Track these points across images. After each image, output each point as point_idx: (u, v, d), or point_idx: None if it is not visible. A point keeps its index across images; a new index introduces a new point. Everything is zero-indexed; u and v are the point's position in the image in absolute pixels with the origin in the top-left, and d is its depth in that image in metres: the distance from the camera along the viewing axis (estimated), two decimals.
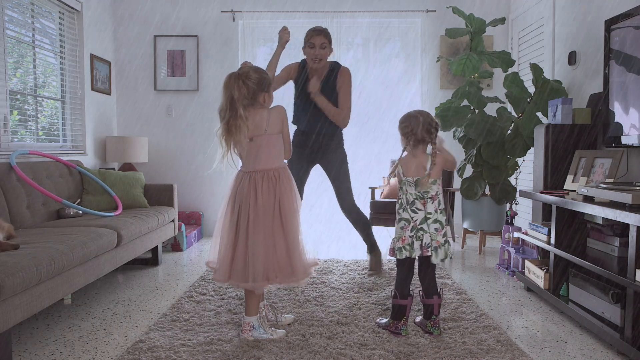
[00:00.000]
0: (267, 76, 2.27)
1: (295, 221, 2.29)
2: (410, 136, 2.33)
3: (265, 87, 2.25)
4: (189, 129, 5.10)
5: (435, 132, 2.34)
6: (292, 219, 2.27)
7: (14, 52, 3.68)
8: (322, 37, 3.19)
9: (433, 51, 4.97)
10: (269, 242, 2.23)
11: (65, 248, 2.38)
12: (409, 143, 2.34)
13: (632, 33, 2.69)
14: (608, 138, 2.92)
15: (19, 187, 3.07)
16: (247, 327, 2.30)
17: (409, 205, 2.35)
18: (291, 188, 2.32)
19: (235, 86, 2.18)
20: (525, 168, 4.35)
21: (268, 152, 2.27)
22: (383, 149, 5.08)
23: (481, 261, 4.01)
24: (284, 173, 2.32)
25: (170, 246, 4.40)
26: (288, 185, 2.31)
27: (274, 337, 2.30)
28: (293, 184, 2.35)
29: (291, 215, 2.27)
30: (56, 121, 4.21)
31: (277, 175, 2.28)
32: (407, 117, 2.38)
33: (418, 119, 2.32)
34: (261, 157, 2.27)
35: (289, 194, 2.29)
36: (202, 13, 5.02)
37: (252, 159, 2.29)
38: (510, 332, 2.46)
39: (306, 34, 3.26)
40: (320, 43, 3.19)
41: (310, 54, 3.23)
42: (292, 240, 2.26)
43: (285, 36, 3.09)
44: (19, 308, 2.03)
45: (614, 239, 2.59)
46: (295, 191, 2.34)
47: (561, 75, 3.89)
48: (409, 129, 2.33)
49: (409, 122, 2.34)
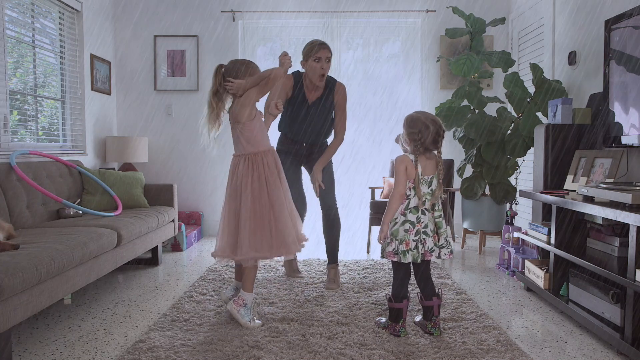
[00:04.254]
0: (240, 66, 2.47)
1: (280, 197, 2.48)
2: (418, 143, 2.30)
3: (238, 74, 2.45)
4: (189, 129, 5.10)
5: (441, 140, 2.32)
6: (277, 196, 2.47)
7: (14, 52, 3.68)
8: (327, 51, 3.03)
9: (433, 51, 4.97)
10: (256, 218, 2.42)
11: (65, 248, 2.38)
12: (418, 149, 2.31)
13: (632, 33, 2.69)
14: (608, 138, 2.91)
15: (19, 187, 3.07)
16: (240, 300, 2.46)
17: (420, 206, 2.32)
18: (275, 168, 2.52)
19: (213, 74, 2.49)
20: (525, 168, 4.35)
21: (245, 139, 2.48)
22: (382, 149, 5.08)
23: (481, 261, 4.01)
24: (267, 155, 2.53)
25: (170, 246, 4.40)
26: (272, 165, 2.50)
27: (250, 325, 2.42)
28: (278, 164, 2.55)
29: (276, 192, 2.47)
30: (56, 121, 4.21)
31: (260, 158, 2.48)
32: (417, 122, 2.30)
33: (429, 128, 2.27)
34: (241, 143, 2.50)
35: (272, 173, 2.49)
36: (202, 13, 5.02)
37: (235, 144, 2.54)
38: (510, 332, 2.46)
39: (309, 47, 3.06)
40: (326, 57, 3.02)
41: (316, 69, 3.02)
42: (280, 216, 2.45)
43: (287, 63, 2.66)
44: (19, 308, 2.03)
45: (614, 239, 2.59)
46: (280, 170, 2.55)
47: (561, 75, 3.89)
48: (418, 136, 2.28)
49: (419, 129, 2.28)
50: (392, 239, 2.33)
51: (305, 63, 3.08)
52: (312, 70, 3.04)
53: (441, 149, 2.34)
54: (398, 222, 2.32)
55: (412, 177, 2.31)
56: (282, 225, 2.45)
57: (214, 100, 2.48)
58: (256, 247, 2.40)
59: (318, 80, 3.05)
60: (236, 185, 2.46)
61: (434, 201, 2.36)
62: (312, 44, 3.05)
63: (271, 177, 2.47)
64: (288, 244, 2.45)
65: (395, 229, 2.32)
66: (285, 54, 2.61)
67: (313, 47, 3.03)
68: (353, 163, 4.99)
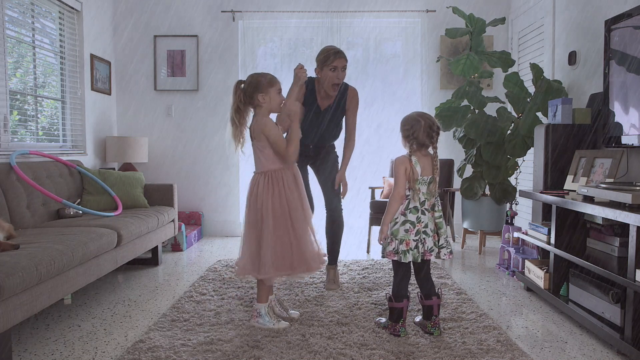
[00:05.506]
0: (262, 78, 2.43)
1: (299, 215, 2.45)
2: (412, 140, 2.32)
3: (259, 88, 2.40)
4: (189, 129, 5.10)
5: (436, 135, 2.33)
6: (298, 214, 2.44)
7: (14, 52, 3.68)
8: (344, 59, 2.94)
9: (433, 51, 4.97)
10: (277, 237, 2.40)
11: (65, 248, 2.38)
12: (412, 146, 2.33)
13: (632, 33, 2.69)
14: (608, 138, 2.91)
15: (19, 187, 3.07)
16: (254, 313, 2.49)
17: (420, 206, 2.33)
18: (294, 185, 2.48)
19: (233, 90, 2.46)
20: (525, 168, 4.35)
21: (259, 156, 2.47)
22: (382, 149, 5.08)
23: (481, 261, 4.01)
24: (287, 172, 2.47)
25: (170, 246, 4.40)
26: (291, 183, 2.48)
27: (275, 327, 2.43)
28: (297, 179, 2.51)
29: (296, 210, 2.44)
30: (56, 121, 4.21)
31: (280, 176, 2.44)
32: (409, 119, 2.35)
33: (419, 122, 2.31)
34: (259, 159, 2.48)
35: (292, 191, 2.45)
36: (202, 13, 5.02)
37: (255, 161, 2.51)
38: (510, 332, 2.46)
39: (324, 55, 2.95)
40: (342, 66, 2.94)
41: (331, 78, 2.93)
42: (300, 234, 2.44)
43: (303, 75, 2.57)
44: (19, 308, 2.03)
45: (614, 239, 2.59)
46: (300, 185, 2.51)
47: (561, 75, 3.89)
48: (411, 132, 2.31)
49: (410, 125, 2.32)
50: (393, 238, 2.33)
51: (319, 71, 2.98)
52: (326, 79, 2.95)
53: (437, 146, 2.35)
54: (398, 222, 2.33)
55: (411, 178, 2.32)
56: (303, 243, 2.45)
57: (236, 117, 2.43)
58: (277, 266, 2.40)
59: (332, 90, 2.99)
60: (256, 204, 2.43)
61: (434, 201, 2.37)
62: (327, 52, 2.95)
63: (291, 195, 2.44)
64: (308, 261, 2.45)
65: (396, 228, 2.33)
66: (301, 66, 2.58)
67: (329, 55, 2.93)
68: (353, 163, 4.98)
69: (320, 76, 2.99)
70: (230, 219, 5.14)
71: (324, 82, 2.98)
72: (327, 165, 3.23)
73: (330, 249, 3.25)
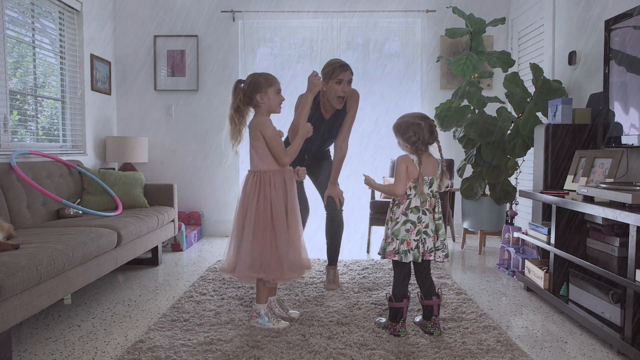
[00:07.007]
0: (261, 78, 2.42)
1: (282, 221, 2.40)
2: (419, 143, 2.31)
3: (259, 88, 2.40)
4: (189, 129, 5.10)
5: (435, 130, 2.36)
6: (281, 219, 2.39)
7: (14, 52, 3.68)
8: (349, 73, 2.97)
9: (433, 51, 4.97)
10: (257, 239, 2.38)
11: (65, 248, 2.38)
12: (420, 149, 2.32)
13: (632, 33, 2.69)
14: (608, 138, 2.92)
15: (19, 187, 3.07)
16: (254, 313, 2.49)
17: (421, 206, 2.33)
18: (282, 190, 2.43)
19: (232, 90, 2.47)
20: (525, 168, 4.35)
21: (253, 155, 2.46)
22: (382, 149, 5.07)
23: (481, 261, 4.01)
24: (276, 175, 2.43)
25: (170, 246, 4.40)
26: (279, 187, 2.42)
27: (275, 327, 2.43)
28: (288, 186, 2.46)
29: (280, 215, 2.40)
30: (56, 121, 4.21)
31: (268, 178, 2.41)
32: (409, 125, 2.32)
33: (420, 124, 2.30)
34: (252, 158, 2.47)
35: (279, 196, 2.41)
36: (202, 13, 5.02)
37: (250, 159, 2.49)
38: (510, 332, 2.46)
39: (330, 68, 2.97)
40: (348, 79, 2.96)
41: (337, 91, 2.96)
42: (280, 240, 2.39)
43: (318, 83, 2.61)
44: (19, 308, 2.03)
45: (614, 239, 2.59)
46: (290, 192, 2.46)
47: (561, 75, 3.89)
48: (416, 136, 2.31)
49: (413, 130, 2.31)
50: (394, 238, 2.33)
51: (325, 84, 2.99)
52: (332, 92, 2.98)
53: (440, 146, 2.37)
54: (399, 221, 2.33)
55: (413, 177, 2.32)
56: (282, 249, 2.39)
57: (235, 116, 2.44)
58: (254, 268, 2.36)
59: (337, 103, 3.01)
60: (244, 202, 2.43)
61: (435, 202, 2.37)
62: (333, 66, 2.97)
63: (277, 199, 2.39)
64: (283, 269, 2.38)
65: (397, 228, 2.33)
66: (316, 74, 2.55)
67: (335, 68, 2.95)
68: (353, 163, 4.99)
69: (326, 89, 3.00)
70: (230, 219, 5.07)
71: (329, 95, 3.00)
72: (323, 167, 3.24)
73: (330, 249, 3.24)
